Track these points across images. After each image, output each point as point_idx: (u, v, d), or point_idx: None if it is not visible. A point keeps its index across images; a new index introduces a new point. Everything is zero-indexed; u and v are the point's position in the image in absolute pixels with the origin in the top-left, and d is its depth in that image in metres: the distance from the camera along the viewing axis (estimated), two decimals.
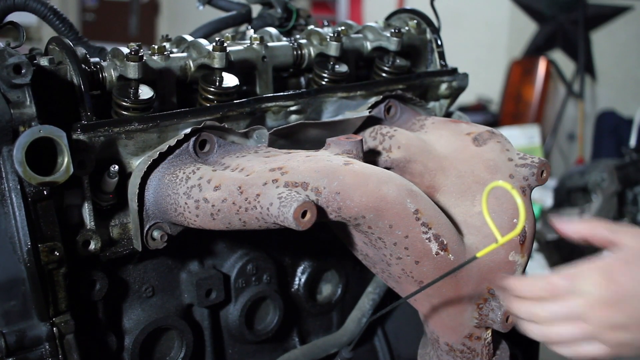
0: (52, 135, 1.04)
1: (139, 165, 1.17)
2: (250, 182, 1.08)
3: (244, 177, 1.10)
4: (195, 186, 1.12)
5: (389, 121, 1.40)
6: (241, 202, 1.07)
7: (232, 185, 1.09)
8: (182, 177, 1.14)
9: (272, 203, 1.02)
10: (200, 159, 1.18)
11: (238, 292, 1.40)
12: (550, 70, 4.99)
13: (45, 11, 1.40)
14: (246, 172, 1.12)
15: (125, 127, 1.16)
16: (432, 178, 1.30)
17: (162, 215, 1.16)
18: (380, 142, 1.33)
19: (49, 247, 1.07)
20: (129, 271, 1.27)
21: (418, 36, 1.59)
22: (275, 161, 1.13)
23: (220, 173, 1.13)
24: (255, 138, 1.23)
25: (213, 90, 1.26)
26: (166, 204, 1.15)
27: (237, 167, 1.14)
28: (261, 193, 1.05)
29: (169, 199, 1.14)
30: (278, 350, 1.51)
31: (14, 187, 1.04)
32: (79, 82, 1.13)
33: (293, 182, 1.06)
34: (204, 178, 1.12)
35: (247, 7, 1.71)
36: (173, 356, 1.34)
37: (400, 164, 1.30)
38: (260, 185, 1.07)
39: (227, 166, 1.16)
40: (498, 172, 1.26)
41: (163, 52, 1.25)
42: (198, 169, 1.15)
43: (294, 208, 0.99)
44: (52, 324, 1.09)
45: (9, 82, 1.02)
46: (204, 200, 1.10)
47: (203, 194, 1.10)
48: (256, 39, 1.37)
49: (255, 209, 1.05)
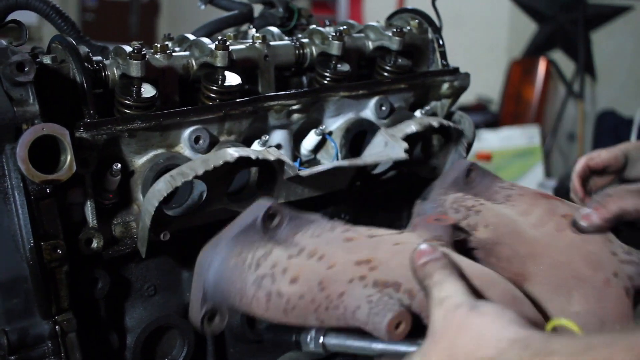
0: (55, 133, 1.04)
1: (158, 185, 1.12)
2: (334, 277, 0.94)
3: (326, 270, 0.96)
4: (268, 276, 0.97)
5: (468, 186, 1.21)
6: (321, 299, 0.94)
7: (312, 279, 0.95)
8: (250, 262, 0.99)
9: (360, 307, 0.90)
10: (269, 235, 1.02)
11: None
12: (550, 70, 4.99)
13: (47, 10, 1.40)
14: (327, 261, 0.97)
15: (128, 125, 1.16)
16: (522, 265, 1.12)
17: (223, 300, 1.01)
18: (464, 216, 1.15)
19: (51, 245, 1.07)
20: (131, 270, 1.27)
21: (420, 36, 1.59)
22: (359, 249, 0.98)
23: (297, 262, 0.98)
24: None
25: (215, 89, 1.26)
26: (230, 290, 0.99)
27: (314, 252, 0.99)
28: (346, 292, 0.92)
29: (233, 285, 0.99)
30: (279, 349, 1.50)
31: (16, 184, 1.04)
32: (82, 80, 1.13)
33: (383, 281, 0.92)
34: (278, 267, 0.98)
35: (248, 6, 1.71)
36: (175, 355, 1.34)
37: (486, 246, 1.13)
38: (345, 282, 0.93)
39: (301, 248, 1.00)
40: (600, 270, 1.07)
41: (166, 51, 1.26)
42: (270, 254, 0.99)
43: (388, 319, 0.86)
44: (55, 322, 1.09)
45: (12, 79, 1.02)
46: (277, 294, 0.96)
47: (277, 286, 0.96)
48: (258, 37, 1.37)
49: (338, 309, 0.92)
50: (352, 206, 1.53)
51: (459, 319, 0.81)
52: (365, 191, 1.53)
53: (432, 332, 0.83)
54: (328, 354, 1.02)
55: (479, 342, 0.77)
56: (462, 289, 0.85)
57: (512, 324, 0.78)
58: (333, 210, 1.51)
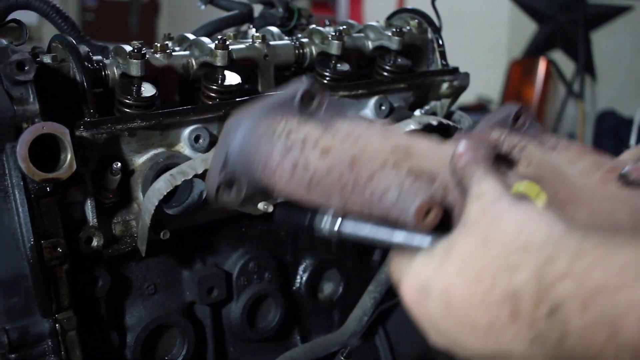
0: (55, 132, 1.04)
1: (158, 183, 1.13)
2: (367, 158, 0.89)
3: (360, 150, 0.90)
4: (297, 147, 0.90)
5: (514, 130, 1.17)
6: (349, 179, 0.87)
7: (343, 156, 0.89)
8: (280, 132, 0.92)
9: (389, 190, 0.84)
10: (305, 116, 0.94)
11: (240, 290, 1.40)
12: (550, 70, 4.99)
13: (47, 9, 1.40)
14: (362, 143, 0.91)
15: (128, 124, 1.16)
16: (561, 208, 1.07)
17: (244, 169, 0.93)
18: (507, 151, 1.11)
19: (51, 244, 1.07)
20: (131, 268, 1.27)
21: (419, 36, 1.59)
22: (397, 139, 0.93)
23: (330, 138, 0.92)
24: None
25: (215, 89, 1.27)
26: (253, 158, 0.92)
27: (350, 134, 0.93)
28: (376, 175, 0.86)
29: (259, 153, 0.92)
30: (279, 348, 1.51)
31: (17, 183, 1.04)
32: (82, 80, 1.14)
33: (418, 170, 0.86)
34: (309, 139, 0.91)
35: (248, 6, 1.71)
36: (175, 354, 1.34)
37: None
38: (377, 165, 0.87)
39: (337, 129, 0.94)
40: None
41: (165, 50, 1.26)
42: (303, 127, 0.93)
43: (417, 203, 0.80)
44: (55, 320, 1.10)
45: (13, 78, 1.03)
46: (304, 166, 0.89)
47: (305, 157, 0.90)
48: (258, 37, 1.38)
49: (364, 192, 0.86)
50: None
51: (499, 210, 0.72)
52: None
53: (463, 223, 0.74)
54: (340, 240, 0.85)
55: (522, 229, 0.69)
56: (504, 186, 0.76)
57: (562, 220, 0.69)
58: None
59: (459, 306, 0.69)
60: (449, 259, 0.71)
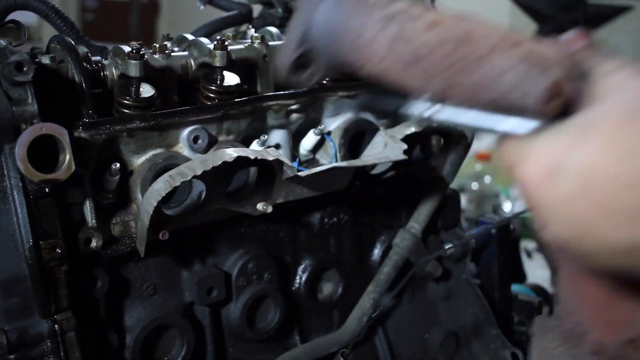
0: (53, 133, 1.04)
1: (157, 184, 1.12)
2: (484, 33, 0.77)
3: (473, 26, 0.80)
4: (398, 17, 0.77)
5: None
6: (463, 54, 0.75)
7: (455, 29, 0.77)
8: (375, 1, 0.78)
9: (512, 69, 0.72)
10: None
11: (239, 290, 1.40)
12: None
13: (46, 10, 1.40)
14: (471, 24, 0.80)
15: (127, 125, 1.16)
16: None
17: (328, 44, 0.79)
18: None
19: (50, 245, 1.07)
20: (130, 269, 1.27)
21: None
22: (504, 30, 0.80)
23: (439, 13, 0.80)
24: None
25: (214, 89, 1.27)
26: (343, 30, 0.78)
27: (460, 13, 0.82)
28: (489, 57, 0.74)
29: (348, 24, 0.78)
30: (279, 348, 1.51)
31: (15, 184, 1.04)
32: (81, 80, 1.14)
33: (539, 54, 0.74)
34: (414, 10, 0.78)
35: (247, 6, 1.71)
36: (174, 354, 1.34)
37: None
38: (496, 40, 0.77)
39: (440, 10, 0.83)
40: None
41: (164, 51, 1.26)
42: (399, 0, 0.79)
43: (546, 84, 0.69)
44: (54, 321, 1.09)
45: (11, 79, 1.03)
46: (406, 38, 0.76)
47: (408, 29, 0.76)
48: (257, 38, 1.38)
49: (479, 70, 0.74)
50: (352, 206, 1.54)
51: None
52: (364, 191, 1.53)
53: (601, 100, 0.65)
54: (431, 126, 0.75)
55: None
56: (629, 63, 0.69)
57: None
58: (332, 210, 1.51)
59: (602, 186, 0.61)
60: (590, 135, 0.63)
